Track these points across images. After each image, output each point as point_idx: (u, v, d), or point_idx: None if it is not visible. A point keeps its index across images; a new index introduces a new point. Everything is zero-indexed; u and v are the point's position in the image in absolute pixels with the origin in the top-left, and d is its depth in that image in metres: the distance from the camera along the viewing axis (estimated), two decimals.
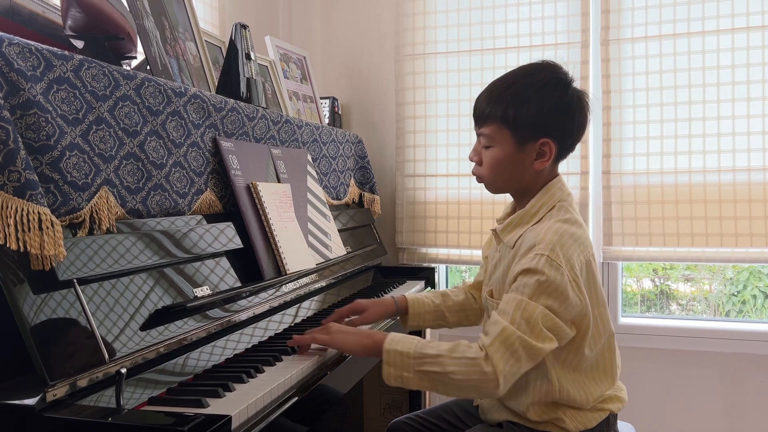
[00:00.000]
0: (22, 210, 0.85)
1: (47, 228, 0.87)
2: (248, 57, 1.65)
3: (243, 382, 1.05)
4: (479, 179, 1.29)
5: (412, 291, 1.98)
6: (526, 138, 1.20)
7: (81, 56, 1.04)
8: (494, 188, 1.29)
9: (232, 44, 1.63)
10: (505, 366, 1.09)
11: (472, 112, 1.28)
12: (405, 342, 1.15)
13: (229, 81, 1.62)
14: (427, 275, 2.20)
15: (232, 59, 1.62)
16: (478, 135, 1.26)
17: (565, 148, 1.24)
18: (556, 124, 1.20)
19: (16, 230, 0.84)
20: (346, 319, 1.42)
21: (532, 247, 1.15)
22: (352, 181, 2.19)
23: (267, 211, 1.45)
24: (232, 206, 1.41)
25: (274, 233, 1.44)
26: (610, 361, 1.25)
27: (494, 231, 1.31)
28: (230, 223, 1.34)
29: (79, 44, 1.23)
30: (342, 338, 1.21)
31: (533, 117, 1.19)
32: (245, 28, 1.66)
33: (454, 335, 2.40)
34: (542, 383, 1.20)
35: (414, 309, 1.47)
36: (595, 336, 1.21)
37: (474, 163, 1.29)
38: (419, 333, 2.18)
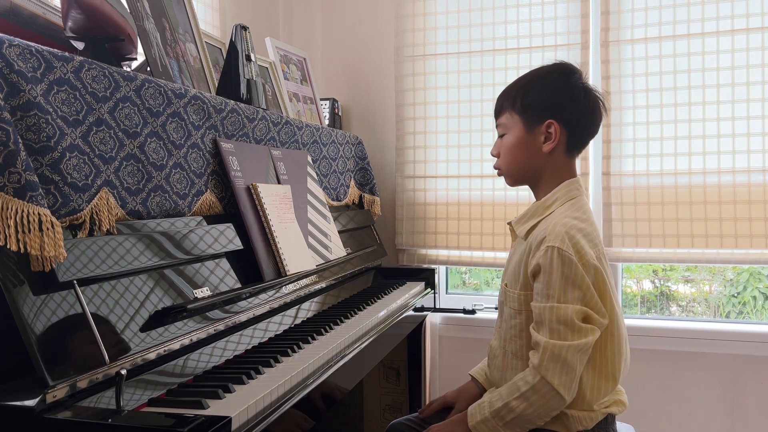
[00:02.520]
0: (23, 211, 0.85)
1: (47, 229, 0.87)
2: (248, 58, 1.65)
3: (243, 383, 1.05)
4: (499, 172, 1.37)
5: (412, 292, 1.99)
6: (533, 121, 1.29)
7: (81, 58, 1.04)
8: (510, 177, 1.36)
9: (232, 45, 1.63)
10: (561, 378, 1.15)
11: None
12: (480, 411, 1.23)
13: (230, 82, 1.62)
14: (427, 276, 2.21)
15: (232, 60, 1.62)
16: (497, 127, 1.36)
17: (574, 134, 1.30)
18: (560, 106, 1.28)
19: (17, 231, 0.84)
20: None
21: (543, 240, 1.20)
22: (352, 183, 2.19)
23: (267, 212, 1.45)
24: (233, 207, 1.41)
25: (274, 234, 1.44)
26: (613, 364, 1.25)
27: (510, 224, 1.37)
28: (230, 224, 1.35)
29: (79, 46, 1.23)
30: None
31: (538, 100, 1.29)
32: (245, 30, 1.66)
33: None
34: None
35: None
36: (605, 333, 1.22)
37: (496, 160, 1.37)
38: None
